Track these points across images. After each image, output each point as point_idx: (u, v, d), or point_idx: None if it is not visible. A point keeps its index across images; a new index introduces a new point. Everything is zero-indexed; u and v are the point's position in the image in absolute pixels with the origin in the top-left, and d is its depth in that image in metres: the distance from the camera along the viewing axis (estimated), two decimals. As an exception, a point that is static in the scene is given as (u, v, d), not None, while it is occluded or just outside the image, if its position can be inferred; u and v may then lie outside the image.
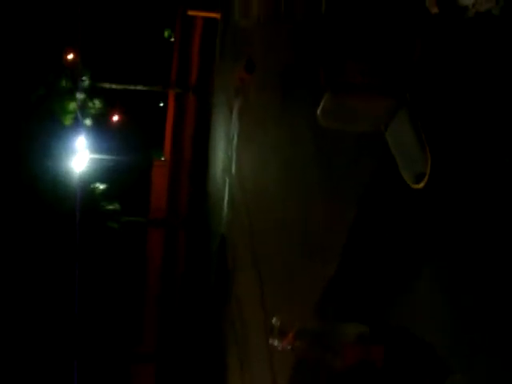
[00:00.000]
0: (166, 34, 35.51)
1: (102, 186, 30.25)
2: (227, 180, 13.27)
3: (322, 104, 3.62)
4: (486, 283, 2.79)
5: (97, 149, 28.87)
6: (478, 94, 3.06)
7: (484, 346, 2.75)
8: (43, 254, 23.88)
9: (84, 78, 26.66)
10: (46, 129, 26.18)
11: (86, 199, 26.84)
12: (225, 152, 14.20)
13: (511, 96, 2.80)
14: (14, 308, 23.62)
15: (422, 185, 3.31)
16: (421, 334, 3.35)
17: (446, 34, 3.46)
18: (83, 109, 27.64)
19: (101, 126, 31.54)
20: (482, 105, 2.99)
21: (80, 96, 27.06)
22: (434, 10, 3.60)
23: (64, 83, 26.58)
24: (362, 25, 4.99)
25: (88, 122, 28.50)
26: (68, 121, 27.37)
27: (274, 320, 3.41)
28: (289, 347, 3.60)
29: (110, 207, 29.57)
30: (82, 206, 25.49)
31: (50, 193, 24.91)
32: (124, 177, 31.22)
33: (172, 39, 35.78)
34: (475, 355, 2.80)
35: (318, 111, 3.68)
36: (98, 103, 29.06)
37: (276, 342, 3.36)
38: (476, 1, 3.08)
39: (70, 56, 28.26)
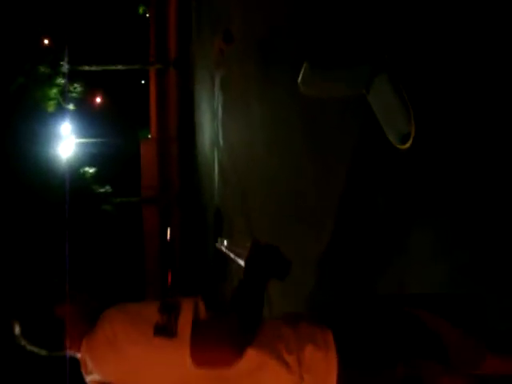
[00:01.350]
0: (141, 10, 35.18)
1: (91, 170, 30.20)
2: (216, 152, 13.28)
3: (301, 73, 3.62)
4: (480, 238, 2.84)
5: (83, 133, 28.78)
6: (460, 49, 3.06)
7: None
8: (36, 242, 23.86)
9: (62, 62, 26.36)
10: (29, 117, 25.99)
11: (77, 184, 26.81)
12: (211, 124, 14.18)
13: (493, 50, 2.81)
14: (6, 295, 23.70)
15: (407, 145, 3.35)
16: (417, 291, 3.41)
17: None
18: (65, 94, 27.43)
19: (84, 110, 31.41)
20: (464, 61, 3.01)
21: (60, 81, 26.83)
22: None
23: (43, 70, 26.31)
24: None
25: (71, 106, 28.32)
26: (51, 107, 27.18)
27: None
28: None
29: (102, 190, 29.57)
30: (73, 191, 25.43)
31: (40, 180, 24.81)
32: (112, 158, 31.18)
33: (147, 15, 35.46)
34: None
35: (299, 80, 3.68)
36: (78, 87, 28.84)
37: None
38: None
39: (46, 42, 27.94)
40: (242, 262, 2.17)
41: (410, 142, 3.28)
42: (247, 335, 1.85)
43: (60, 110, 27.61)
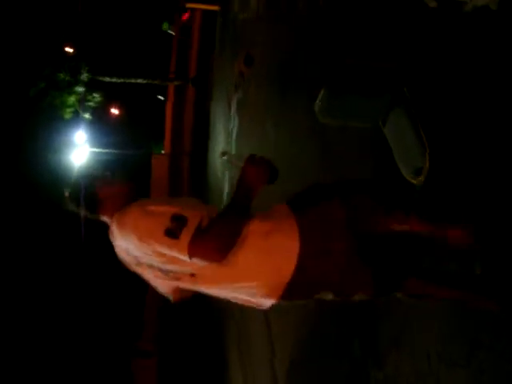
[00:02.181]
0: (165, 26, 35.47)
1: (102, 180, 30.23)
2: (227, 172, 13.29)
3: (319, 99, 3.62)
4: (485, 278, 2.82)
5: (97, 142, 28.89)
6: (475, 88, 3.06)
7: (484, 342, 2.78)
8: (46, 249, 23.91)
9: (83, 71, 26.56)
10: (45, 123, 26.15)
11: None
12: (224, 145, 14.22)
13: (508, 91, 2.81)
14: (16, 305, 23.70)
15: (421, 179, 3.31)
16: (419, 325, 3.38)
17: (445, 28, 3.47)
18: (82, 102, 27.60)
19: (100, 120, 31.56)
20: (480, 100, 3.00)
21: (79, 90, 27.01)
22: (432, 4, 3.61)
23: (63, 77, 26.50)
24: (361, 20, 5.00)
25: (87, 115, 28.46)
26: (68, 115, 27.33)
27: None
28: None
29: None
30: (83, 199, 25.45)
31: (51, 187, 24.90)
32: (124, 170, 31.23)
33: (170, 32, 35.73)
34: (475, 349, 2.84)
35: (316, 106, 3.67)
36: (97, 97, 29.00)
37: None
38: (472, -4, 3.09)
39: (69, 49, 28.19)
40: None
41: (423, 177, 3.24)
42: (229, 240, 2.39)
43: (76, 118, 27.76)
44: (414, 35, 3.83)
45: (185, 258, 2.38)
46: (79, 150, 26.31)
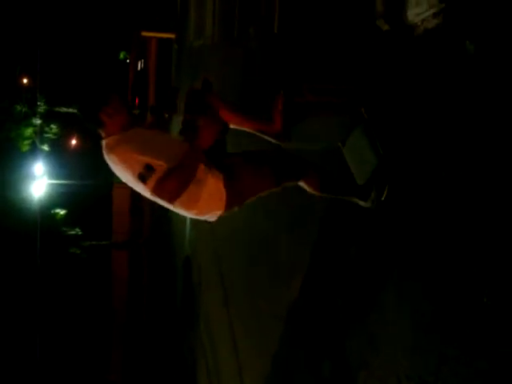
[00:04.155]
0: (122, 55, 35.45)
1: (62, 212, 29.89)
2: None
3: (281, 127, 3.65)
4: (449, 292, 2.84)
5: (56, 174, 28.55)
6: (431, 107, 3.12)
7: (450, 355, 2.79)
8: (2, 283, 23.43)
9: (40, 102, 26.33)
10: (3, 155, 25.78)
11: (47, 225, 26.47)
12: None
13: (461, 111, 2.86)
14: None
15: (381, 198, 3.36)
16: (385, 345, 3.39)
17: (398, 50, 3.53)
18: (40, 134, 27.31)
19: (59, 151, 31.22)
20: (437, 119, 3.06)
21: (36, 121, 26.74)
22: (385, 27, 3.68)
23: (20, 109, 26.24)
24: (315, 45, 5.06)
25: (46, 147, 28.16)
26: (25, 147, 27.01)
27: None
28: None
29: (72, 232, 29.22)
30: (42, 233, 25.11)
31: (9, 220, 24.48)
32: (84, 201, 30.90)
33: (128, 61, 35.72)
34: (442, 364, 2.85)
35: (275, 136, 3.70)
36: (54, 128, 28.73)
37: None
38: (424, 18, 3.16)
39: (25, 81, 27.94)
40: None
41: (384, 195, 3.28)
42: (180, 186, 3.10)
43: (34, 150, 27.44)
44: (369, 57, 3.89)
45: (150, 197, 3.19)
46: (38, 182, 25.98)
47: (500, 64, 2.66)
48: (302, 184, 3.58)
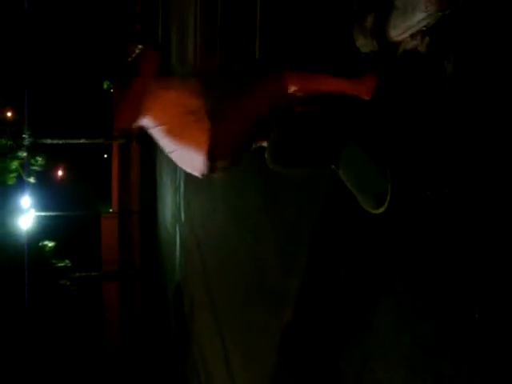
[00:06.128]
0: (105, 85, 35.48)
1: (50, 244, 29.70)
2: (177, 228, 13.19)
3: (269, 145, 3.56)
4: (446, 314, 2.84)
5: (43, 206, 28.42)
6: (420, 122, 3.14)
7: (446, 374, 2.79)
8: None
9: (25, 135, 26.27)
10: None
11: (36, 258, 26.30)
12: (172, 200, 14.15)
13: (442, 130, 2.89)
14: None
15: (384, 207, 3.26)
16: (381, 365, 3.37)
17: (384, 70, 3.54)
18: (26, 167, 27.23)
19: (45, 183, 31.13)
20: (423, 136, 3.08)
21: (22, 154, 26.66)
22: (366, 49, 3.71)
23: (4, 142, 26.17)
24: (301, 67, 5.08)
25: (32, 179, 28.05)
26: (11, 180, 26.90)
27: None
28: None
29: (61, 264, 29.01)
30: (32, 265, 24.93)
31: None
32: (73, 232, 30.77)
33: (111, 90, 35.76)
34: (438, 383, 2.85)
35: (266, 154, 3.59)
36: (40, 160, 28.64)
37: None
38: (403, 39, 3.19)
39: (9, 114, 27.91)
40: None
41: (387, 203, 3.22)
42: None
43: (20, 183, 27.33)
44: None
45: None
46: (26, 215, 25.82)
47: (478, 82, 2.69)
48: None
